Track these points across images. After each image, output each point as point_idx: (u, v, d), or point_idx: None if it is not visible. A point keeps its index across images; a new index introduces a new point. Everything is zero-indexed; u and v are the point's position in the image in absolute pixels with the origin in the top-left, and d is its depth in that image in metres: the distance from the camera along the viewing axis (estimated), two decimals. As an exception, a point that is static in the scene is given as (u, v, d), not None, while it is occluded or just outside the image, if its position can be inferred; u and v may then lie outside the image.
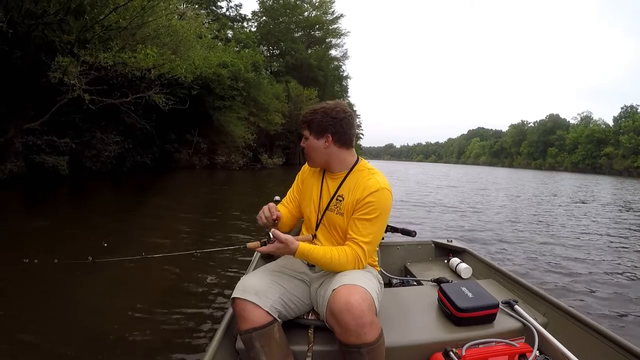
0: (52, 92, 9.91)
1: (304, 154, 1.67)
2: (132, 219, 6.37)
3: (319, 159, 1.62)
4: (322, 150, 1.58)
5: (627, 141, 69.32)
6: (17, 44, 8.95)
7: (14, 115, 9.94)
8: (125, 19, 8.85)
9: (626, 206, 13.10)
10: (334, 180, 1.63)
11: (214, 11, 27.39)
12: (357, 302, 1.22)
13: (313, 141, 1.58)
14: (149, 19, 9.28)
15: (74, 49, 9.01)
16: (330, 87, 42.01)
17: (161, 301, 2.93)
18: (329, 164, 1.63)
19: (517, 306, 1.69)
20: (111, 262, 3.15)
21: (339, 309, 1.23)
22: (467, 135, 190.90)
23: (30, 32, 8.94)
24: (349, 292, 1.26)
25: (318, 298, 1.47)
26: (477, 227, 7.08)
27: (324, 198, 1.63)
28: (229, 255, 4.10)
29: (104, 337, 2.33)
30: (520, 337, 1.56)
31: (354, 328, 1.20)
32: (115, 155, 13.93)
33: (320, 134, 1.56)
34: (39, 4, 8.68)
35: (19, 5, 8.36)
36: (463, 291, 1.63)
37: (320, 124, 1.55)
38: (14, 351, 2.16)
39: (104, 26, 8.92)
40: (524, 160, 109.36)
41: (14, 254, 4.26)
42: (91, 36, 9.13)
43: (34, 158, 10.53)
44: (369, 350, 1.22)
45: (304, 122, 1.59)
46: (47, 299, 2.87)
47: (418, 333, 1.51)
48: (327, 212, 1.60)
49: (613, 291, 3.76)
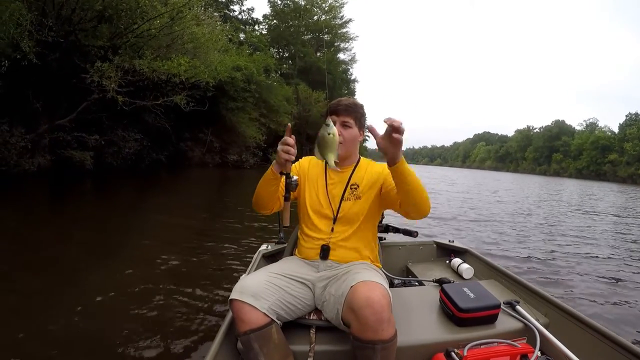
0: (82, 92, 10.71)
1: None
2: (158, 213, 6.77)
3: (352, 148, 1.68)
4: (357, 141, 1.68)
5: (631, 148, 69.28)
6: (54, 47, 9.72)
7: (46, 112, 10.72)
8: (156, 27, 9.61)
9: (630, 213, 13.09)
10: (340, 174, 1.69)
11: (227, 15, 28.19)
12: (377, 297, 1.24)
13: (356, 131, 1.66)
14: (176, 28, 10.04)
15: (108, 54, 9.77)
16: (338, 90, 42.64)
17: (162, 301, 2.92)
18: (350, 156, 1.70)
19: (519, 307, 1.70)
20: (114, 262, 3.68)
21: (359, 305, 1.25)
22: (473, 139, 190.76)
23: (67, 37, 9.71)
24: (369, 288, 1.29)
25: (326, 297, 1.47)
26: (478, 227, 7.16)
27: (336, 190, 1.67)
28: (232, 255, 4.18)
29: (104, 338, 2.34)
30: (522, 338, 1.56)
31: (373, 323, 1.22)
32: (134, 152, 14.58)
33: (361, 127, 1.68)
34: (76, 11, 9.47)
35: (59, 14, 9.14)
36: (465, 291, 1.64)
37: (362, 117, 1.68)
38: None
39: (136, 34, 9.69)
40: (529, 165, 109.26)
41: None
42: (123, 42, 9.90)
43: (62, 153, 11.23)
44: (383, 348, 1.23)
45: (348, 110, 1.63)
46: (47, 300, 2.83)
47: (420, 333, 1.51)
48: (343, 202, 1.64)
49: (615, 292, 3.74)
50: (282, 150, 1.43)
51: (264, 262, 2.23)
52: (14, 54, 8.19)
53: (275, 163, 1.50)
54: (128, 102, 10.30)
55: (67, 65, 10.25)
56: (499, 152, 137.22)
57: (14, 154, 9.43)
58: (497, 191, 18.48)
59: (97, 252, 4.12)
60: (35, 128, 10.39)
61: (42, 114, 10.61)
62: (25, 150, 9.87)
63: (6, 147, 9.19)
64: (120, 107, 10.12)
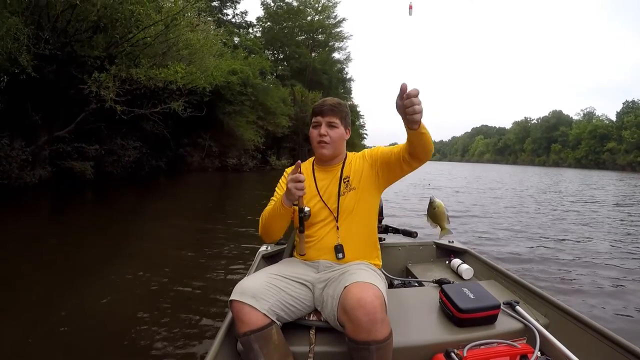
0: (80, 103, 10.77)
1: (318, 143, 1.68)
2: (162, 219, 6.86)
3: (340, 147, 1.71)
4: (344, 140, 1.72)
5: (629, 136, 69.52)
6: (51, 59, 9.78)
7: (45, 124, 10.78)
8: (151, 35, 9.70)
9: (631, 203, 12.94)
10: (329, 172, 1.71)
11: (221, 19, 28.26)
12: (369, 298, 1.25)
13: (342, 130, 1.69)
14: (171, 36, 10.12)
15: (105, 64, 9.86)
16: (335, 90, 42.70)
17: (163, 302, 2.96)
18: (338, 155, 1.73)
19: (519, 307, 1.70)
20: (115, 266, 3.76)
21: (351, 305, 1.25)
22: (471, 133, 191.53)
23: (63, 48, 9.77)
24: (361, 288, 1.29)
25: (324, 298, 1.47)
26: (478, 227, 7.11)
27: (329, 189, 1.68)
28: (232, 256, 4.23)
29: (105, 340, 2.37)
30: (522, 338, 1.56)
31: (365, 324, 1.22)
32: (134, 160, 14.64)
33: (347, 125, 1.71)
34: (71, 23, 9.54)
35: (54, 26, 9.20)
36: (464, 292, 1.64)
37: (347, 115, 1.71)
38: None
39: (131, 43, 9.77)
40: (527, 157, 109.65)
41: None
42: (118, 52, 9.98)
43: (62, 164, 11.28)
44: (377, 348, 1.23)
45: (333, 111, 1.65)
46: (50, 303, 2.89)
47: (419, 334, 1.52)
48: (341, 197, 1.65)
49: (615, 292, 3.75)
50: (294, 188, 1.47)
51: (263, 263, 2.24)
52: (12, 68, 8.25)
53: (285, 198, 1.54)
54: (127, 111, 10.36)
55: (64, 77, 10.30)
56: (498, 145, 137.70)
57: (15, 167, 9.46)
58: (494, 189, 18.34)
59: (99, 258, 4.22)
60: (35, 140, 10.44)
61: (41, 126, 10.65)
62: (26, 163, 9.91)
63: (7, 160, 9.24)
64: (119, 116, 10.18)
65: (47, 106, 10.52)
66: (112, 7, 9.32)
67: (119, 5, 9.31)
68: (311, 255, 1.65)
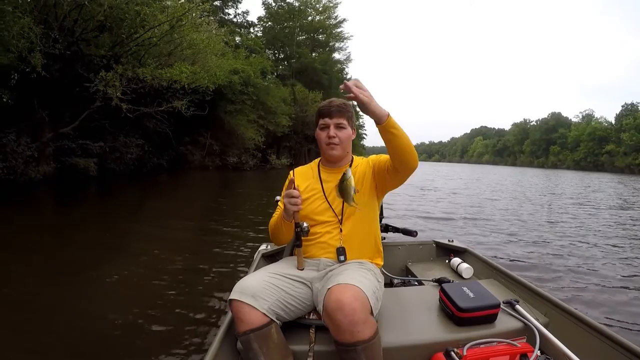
0: (85, 100, 10.99)
1: (327, 145, 1.67)
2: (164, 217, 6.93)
3: (348, 147, 1.71)
4: (351, 140, 1.72)
5: (628, 139, 69.56)
6: (58, 58, 9.98)
7: (50, 121, 10.97)
8: (156, 36, 9.91)
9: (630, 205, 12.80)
10: (336, 174, 1.63)
11: (223, 18, 28.46)
12: (348, 300, 1.23)
13: (349, 130, 1.68)
14: (176, 36, 10.34)
15: (110, 63, 10.06)
16: (335, 90, 42.85)
17: (163, 301, 2.95)
18: (347, 155, 1.73)
19: (519, 306, 1.70)
20: (114, 264, 3.89)
21: (331, 308, 1.25)
22: (470, 134, 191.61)
23: (69, 47, 9.98)
24: (341, 290, 1.28)
25: (319, 297, 1.46)
26: (478, 226, 7.10)
27: (335, 191, 1.63)
28: (232, 255, 4.23)
29: (105, 340, 2.35)
30: (522, 337, 1.56)
31: (346, 326, 1.21)
32: (136, 157, 14.81)
33: (353, 125, 1.70)
34: (78, 22, 9.74)
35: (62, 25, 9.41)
36: (464, 291, 1.64)
37: (353, 116, 1.70)
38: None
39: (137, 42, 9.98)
40: (526, 158, 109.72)
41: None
42: (124, 51, 10.19)
43: (65, 160, 11.51)
44: (364, 348, 1.23)
45: (341, 112, 1.65)
46: (54, 301, 2.90)
47: (419, 333, 1.52)
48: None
49: (615, 291, 3.72)
50: (289, 203, 1.52)
51: (263, 262, 2.25)
52: (22, 66, 8.44)
53: (284, 213, 1.58)
54: (132, 109, 10.57)
55: (70, 75, 10.51)
56: (497, 146, 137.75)
57: (21, 163, 9.65)
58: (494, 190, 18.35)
59: (100, 255, 4.25)
60: (40, 137, 10.62)
61: (47, 123, 10.85)
62: (32, 159, 10.11)
63: (13, 156, 9.43)
64: (124, 114, 10.38)
65: (53, 103, 10.71)
66: (119, 7, 9.54)
67: (125, 5, 9.52)
68: (313, 252, 1.66)
